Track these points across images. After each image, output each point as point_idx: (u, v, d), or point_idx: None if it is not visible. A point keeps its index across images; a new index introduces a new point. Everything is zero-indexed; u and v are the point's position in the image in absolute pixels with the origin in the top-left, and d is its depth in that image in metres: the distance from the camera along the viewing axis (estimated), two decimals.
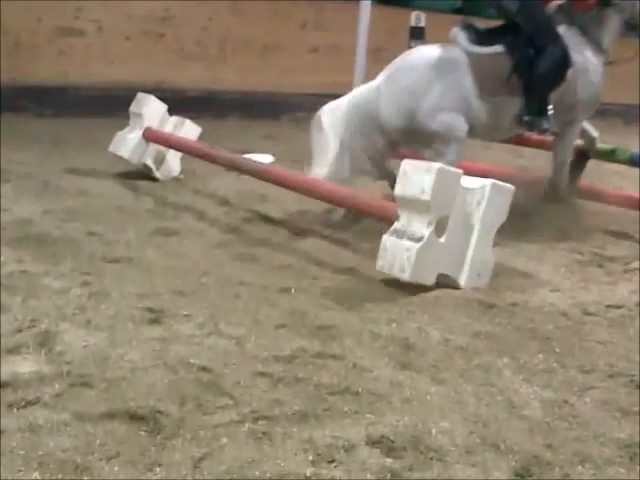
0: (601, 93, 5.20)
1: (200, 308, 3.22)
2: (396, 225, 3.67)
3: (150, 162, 5.75)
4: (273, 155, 7.26)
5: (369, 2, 7.00)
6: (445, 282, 3.70)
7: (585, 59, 5.06)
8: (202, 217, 4.85)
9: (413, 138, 4.80)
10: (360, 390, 2.57)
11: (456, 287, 3.71)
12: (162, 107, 5.88)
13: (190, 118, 6.02)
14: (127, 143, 5.69)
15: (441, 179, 3.54)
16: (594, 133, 5.43)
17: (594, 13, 5.15)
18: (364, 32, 6.43)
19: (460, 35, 4.92)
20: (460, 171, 3.69)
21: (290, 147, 8.06)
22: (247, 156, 6.97)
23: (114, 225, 4.46)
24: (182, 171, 5.91)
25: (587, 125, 5.36)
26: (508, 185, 3.80)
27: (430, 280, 3.63)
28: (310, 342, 2.93)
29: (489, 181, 3.72)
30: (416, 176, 3.57)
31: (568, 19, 5.12)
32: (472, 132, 4.89)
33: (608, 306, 3.72)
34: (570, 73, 4.95)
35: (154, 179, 5.75)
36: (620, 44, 5.41)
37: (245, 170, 4.95)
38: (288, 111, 11.26)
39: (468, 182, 3.69)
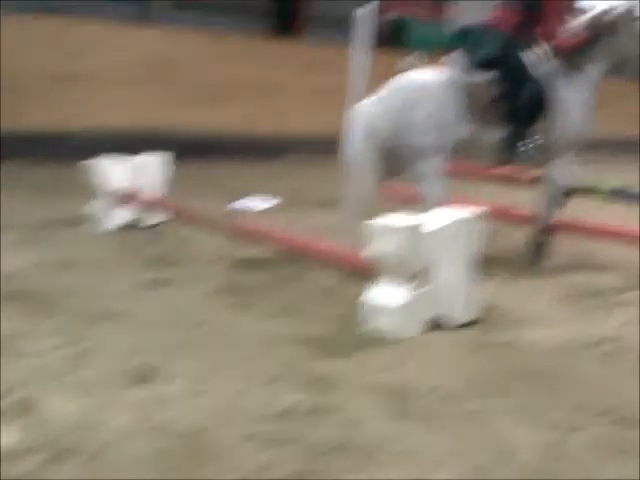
0: (586, 130, 5.31)
1: (191, 364, 3.20)
2: (375, 285, 3.74)
3: (135, 216, 5.81)
4: (276, 197, 7.30)
5: (363, 47, 7.10)
6: (435, 323, 3.74)
7: (571, 98, 5.18)
8: (193, 265, 4.88)
9: (404, 156, 4.94)
10: (355, 446, 2.57)
11: (446, 327, 3.75)
12: (117, 165, 5.87)
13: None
14: (106, 220, 5.75)
15: (408, 235, 3.61)
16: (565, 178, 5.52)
17: (582, 52, 5.27)
18: (358, 76, 6.52)
19: (453, 61, 5.13)
20: (426, 221, 3.74)
21: (291, 187, 8.14)
22: (249, 200, 7.05)
23: (104, 277, 4.48)
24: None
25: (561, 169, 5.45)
26: (473, 214, 3.88)
27: (417, 330, 3.68)
28: (303, 396, 2.93)
29: (457, 217, 3.80)
30: (385, 235, 3.63)
31: (558, 57, 5.25)
32: (456, 155, 5.09)
33: (597, 341, 3.75)
34: (555, 110, 5.12)
35: (146, 227, 5.79)
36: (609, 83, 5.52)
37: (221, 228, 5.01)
38: (288, 152, 11.38)
39: (437, 223, 3.75)
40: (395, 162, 5.00)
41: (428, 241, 3.69)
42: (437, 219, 3.80)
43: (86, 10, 11.13)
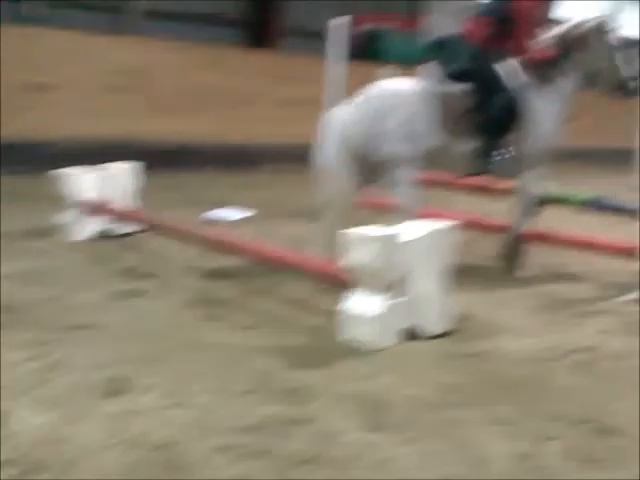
0: (557, 143, 5.36)
1: (164, 376, 3.17)
2: (351, 295, 3.74)
3: (106, 226, 5.77)
4: (250, 208, 7.29)
5: (338, 60, 7.13)
6: (410, 333, 3.74)
7: (542, 112, 5.23)
8: (165, 277, 4.84)
9: (374, 162, 4.95)
10: (329, 458, 2.55)
11: (421, 337, 3.75)
12: (86, 174, 5.82)
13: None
14: (77, 230, 5.69)
15: (386, 245, 3.61)
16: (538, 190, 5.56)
17: (555, 66, 5.32)
18: (332, 87, 6.55)
19: (428, 71, 5.17)
20: (402, 231, 3.74)
21: (265, 197, 8.11)
22: (223, 211, 7.03)
23: (75, 288, 4.42)
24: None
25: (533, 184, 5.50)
26: (447, 225, 3.89)
27: (395, 341, 3.68)
28: (277, 407, 2.91)
29: (431, 228, 3.81)
30: (361, 246, 3.63)
31: (530, 73, 5.29)
32: (428, 164, 5.13)
33: (570, 350, 3.77)
34: (527, 122, 5.18)
35: (117, 236, 5.74)
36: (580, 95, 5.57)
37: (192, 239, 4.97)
38: (262, 162, 11.36)
39: (412, 234, 3.75)
40: (370, 170, 5.01)
41: (404, 251, 3.69)
42: (413, 230, 3.80)
43: (57, 21, 11.09)
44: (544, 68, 5.32)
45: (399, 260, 3.67)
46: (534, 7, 5.18)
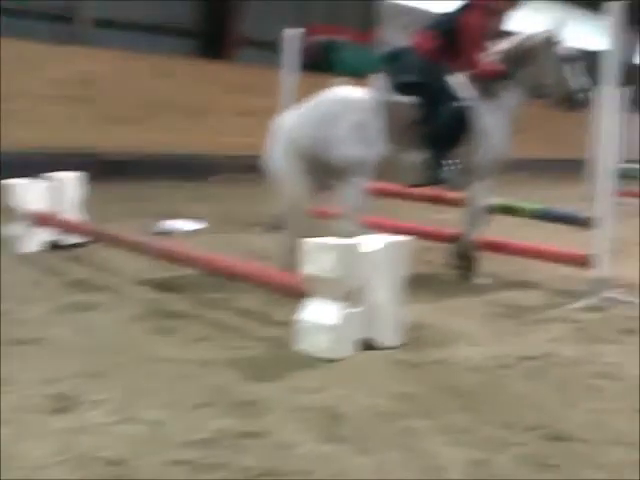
0: (505, 155, 5.42)
1: (113, 391, 3.10)
2: (308, 305, 3.72)
3: (54, 238, 5.69)
4: (201, 220, 7.24)
5: (292, 71, 7.14)
6: (365, 343, 3.73)
7: (491, 124, 5.30)
8: (116, 289, 4.78)
9: (322, 167, 4.96)
10: (285, 471, 2.52)
11: (376, 347, 3.75)
12: (34, 184, 5.75)
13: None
14: (24, 242, 5.60)
15: (344, 254, 3.60)
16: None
17: (502, 80, 5.39)
18: (286, 98, 6.56)
19: (379, 81, 5.22)
20: (359, 241, 3.74)
21: (217, 208, 8.06)
22: (174, 223, 6.97)
23: (24, 301, 4.35)
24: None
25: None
26: (404, 239, 3.91)
27: (352, 351, 3.67)
28: (231, 421, 2.87)
29: (388, 240, 3.82)
30: (319, 255, 3.62)
31: (478, 87, 5.35)
32: (377, 174, 5.17)
33: (523, 357, 3.80)
34: (475, 135, 5.27)
35: (66, 248, 5.65)
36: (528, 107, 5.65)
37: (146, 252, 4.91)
38: (215, 173, 11.32)
39: (368, 245, 3.75)
40: (322, 174, 5.01)
41: (362, 262, 3.69)
42: (371, 241, 3.79)
43: (7, 30, 10.94)
44: (492, 82, 5.39)
45: (357, 270, 3.66)
46: (480, 22, 5.23)
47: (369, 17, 18.21)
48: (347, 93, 5.13)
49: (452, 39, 5.24)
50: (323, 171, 5.00)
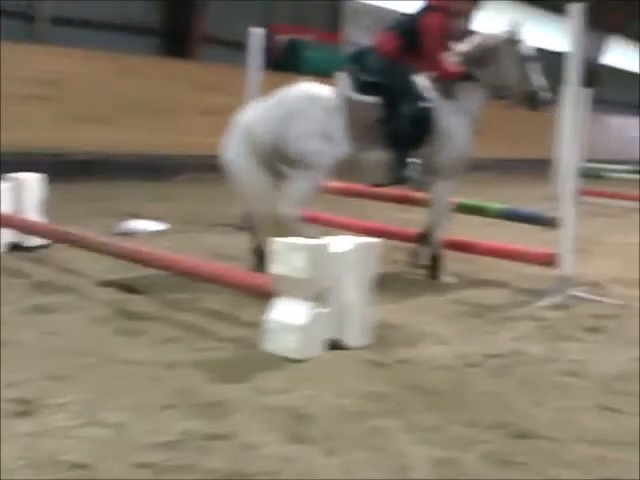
0: (468, 155, 5.45)
1: (78, 394, 3.06)
2: (276, 305, 3.71)
3: (15, 239, 5.61)
4: (165, 221, 7.18)
5: (257, 70, 7.13)
6: (333, 343, 3.73)
7: (454, 125, 5.32)
8: (79, 291, 4.71)
9: (280, 162, 4.97)
10: (251, 472, 2.50)
11: (344, 347, 3.74)
12: None
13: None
14: None
15: (313, 254, 3.59)
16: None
17: (464, 80, 5.41)
18: (251, 96, 6.55)
19: (343, 80, 5.22)
20: (329, 242, 3.73)
21: (182, 208, 8.01)
22: (137, 223, 6.91)
23: None
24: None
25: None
26: (374, 240, 3.92)
27: (320, 351, 3.67)
28: (197, 422, 2.84)
29: (356, 241, 3.83)
30: (288, 255, 3.61)
31: (440, 88, 5.37)
32: (337, 173, 5.20)
33: (489, 356, 3.82)
34: (438, 135, 5.29)
35: (27, 249, 5.58)
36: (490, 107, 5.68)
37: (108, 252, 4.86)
38: (180, 172, 11.26)
39: (337, 246, 3.75)
40: (278, 171, 5.01)
41: (331, 262, 3.68)
42: (340, 242, 3.79)
43: None
44: (453, 83, 5.41)
45: (326, 271, 3.66)
46: (440, 23, 5.24)
47: (335, 17, 18.23)
48: (311, 89, 5.13)
49: (413, 40, 5.25)
50: (280, 167, 4.99)
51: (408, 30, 5.29)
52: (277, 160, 4.96)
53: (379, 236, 4.84)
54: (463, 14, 5.43)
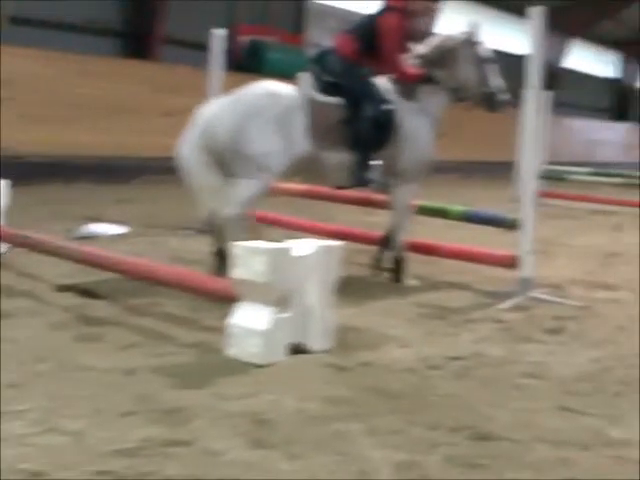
0: (430, 157, 5.46)
1: (36, 401, 3.01)
2: (238, 309, 3.68)
3: None
4: (126, 224, 7.11)
5: (219, 71, 7.10)
6: (296, 347, 3.72)
7: (415, 127, 5.33)
8: (38, 296, 4.64)
9: (234, 160, 4.93)
10: (213, 478, 2.48)
11: (306, 352, 3.74)
12: None
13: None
14: None
15: (274, 258, 3.57)
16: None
17: (422, 86, 5.42)
18: (213, 97, 6.54)
19: (305, 80, 5.22)
20: (290, 246, 3.72)
21: (143, 211, 7.94)
22: (97, 227, 6.83)
23: None
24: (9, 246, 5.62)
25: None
26: (336, 243, 3.92)
27: (282, 355, 3.65)
28: (158, 429, 2.81)
29: (318, 244, 3.82)
30: (249, 259, 3.58)
31: (401, 90, 5.38)
32: (298, 173, 5.25)
33: (451, 358, 3.83)
34: (399, 137, 5.29)
35: None
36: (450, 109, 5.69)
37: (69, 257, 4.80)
38: (141, 174, 11.17)
39: (299, 250, 3.74)
40: (231, 170, 5.00)
41: (293, 266, 3.66)
42: (302, 245, 3.78)
43: None
44: (413, 85, 5.41)
45: (288, 275, 3.64)
46: (398, 24, 5.24)
47: (299, 18, 18.22)
48: (272, 87, 5.11)
49: (372, 41, 5.25)
50: (234, 166, 4.98)
51: (366, 32, 5.29)
52: (232, 159, 4.93)
53: (342, 239, 4.84)
54: (422, 14, 5.41)
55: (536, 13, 5.03)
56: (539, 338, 4.28)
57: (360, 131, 5.13)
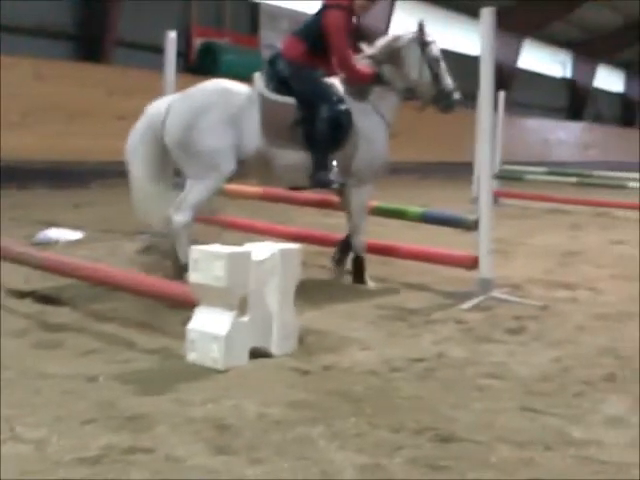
0: (385, 158, 5.46)
1: None
2: (198, 314, 3.66)
3: None
4: (83, 228, 7.03)
5: (173, 73, 7.06)
6: (257, 352, 3.71)
7: (368, 127, 5.32)
8: None
9: (184, 158, 4.95)
10: None
11: (268, 356, 3.73)
12: None
13: None
14: None
15: (233, 262, 3.55)
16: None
17: (373, 87, 5.41)
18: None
19: (259, 78, 5.23)
20: (249, 249, 3.71)
21: (100, 216, 7.86)
22: (55, 232, 6.74)
23: None
24: None
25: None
26: (295, 246, 3.91)
27: (243, 360, 3.63)
28: (120, 436, 2.78)
29: (277, 247, 3.80)
30: (208, 263, 3.56)
31: (353, 91, 5.38)
32: (253, 174, 5.25)
33: (413, 360, 3.84)
34: (354, 138, 5.28)
35: None
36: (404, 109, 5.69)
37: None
38: (97, 178, 11.05)
39: (257, 253, 3.72)
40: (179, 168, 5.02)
41: (252, 270, 3.65)
42: (261, 249, 3.76)
43: None
44: (365, 85, 5.41)
45: (247, 278, 3.62)
46: (341, 18, 5.20)
47: (255, 20, 18.18)
48: (225, 85, 5.13)
49: (318, 42, 5.24)
50: (183, 167, 4.97)
51: (312, 32, 5.28)
52: (181, 157, 4.92)
53: (303, 241, 4.84)
54: (363, 9, 5.40)
55: (487, 14, 5.07)
56: (500, 338, 4.31)
57: (317, 132, 5.12)
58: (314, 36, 5.25)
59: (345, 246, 5.62)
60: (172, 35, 7.14)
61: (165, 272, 5.09)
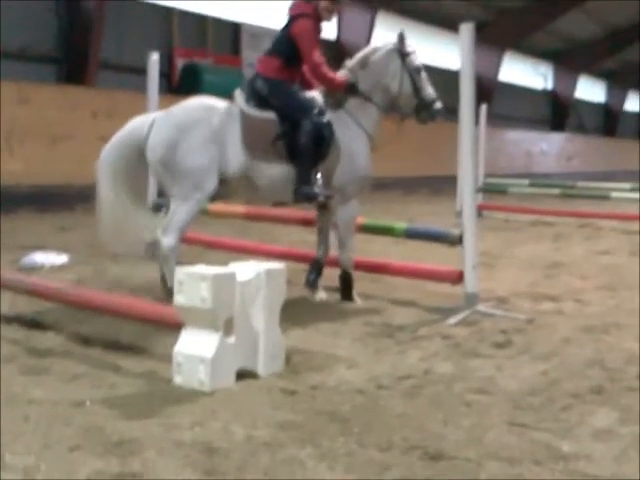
0: (368, 171, 5.45)
1: None
2: (184, 336, 3.65)
3: None
4: (69, 251, 7.00)
5: (155, 94, 7.08)
6: (244, 372, 3.70)
7: (350, 141, 5.32)
8: None
9: (167, 177, 4.97)
10: None
11: (254, 377, 3.72)
12: None
13: None
14: None
15: (218, 284, 3.54)
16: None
17: (352, 99, 5.41)
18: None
19: (239, 95, 5.25)
20: (234, 270, 3.70)
21: (85, 239, 7.82)
22: (40, 256, 6.71)
23: None
24: None
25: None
26: (279, 266, 3.90)
27: (230, 381, 3.62)
28: (108, 462, 2.77)
29: (262, 267, 3.79)
30: (193, 285, 3.55)
31: (332, 103, 5.38)
32: (236, 191, 5.26)
33: (400, 377, 3.84)
34: (335, 151, 5.27)
35: None
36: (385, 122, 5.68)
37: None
38: (82, 201, 11.00)
39: (242, 274, 3.72)
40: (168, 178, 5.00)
41: (237, 291, 3.64)
42: (246, 269, 3.75)
43: None
44: (344, 96, 5.42)
45: (232, 299, 3.62)
46: (309, 26, 5.24)
47: (236, 40, 18.22)
48: (208, 101, 5.17)
49: (291, 54, 5.27)
50: (166, 181, 4.96)
51: (283, 46, 5.31)
52: (165, 175, 4.93)
53: (289, 260, 4.82)
54: (328, 14, 5.39)
55: (466, 29, 5.11)
56: (487, 353, 4.32)
57: (300, 145, 5.12)
58: (286, 49, 5.27)
59: (317, 267, 5.58)
60: (154, 57, 7.16)
61: (155, 294, 5.08)
